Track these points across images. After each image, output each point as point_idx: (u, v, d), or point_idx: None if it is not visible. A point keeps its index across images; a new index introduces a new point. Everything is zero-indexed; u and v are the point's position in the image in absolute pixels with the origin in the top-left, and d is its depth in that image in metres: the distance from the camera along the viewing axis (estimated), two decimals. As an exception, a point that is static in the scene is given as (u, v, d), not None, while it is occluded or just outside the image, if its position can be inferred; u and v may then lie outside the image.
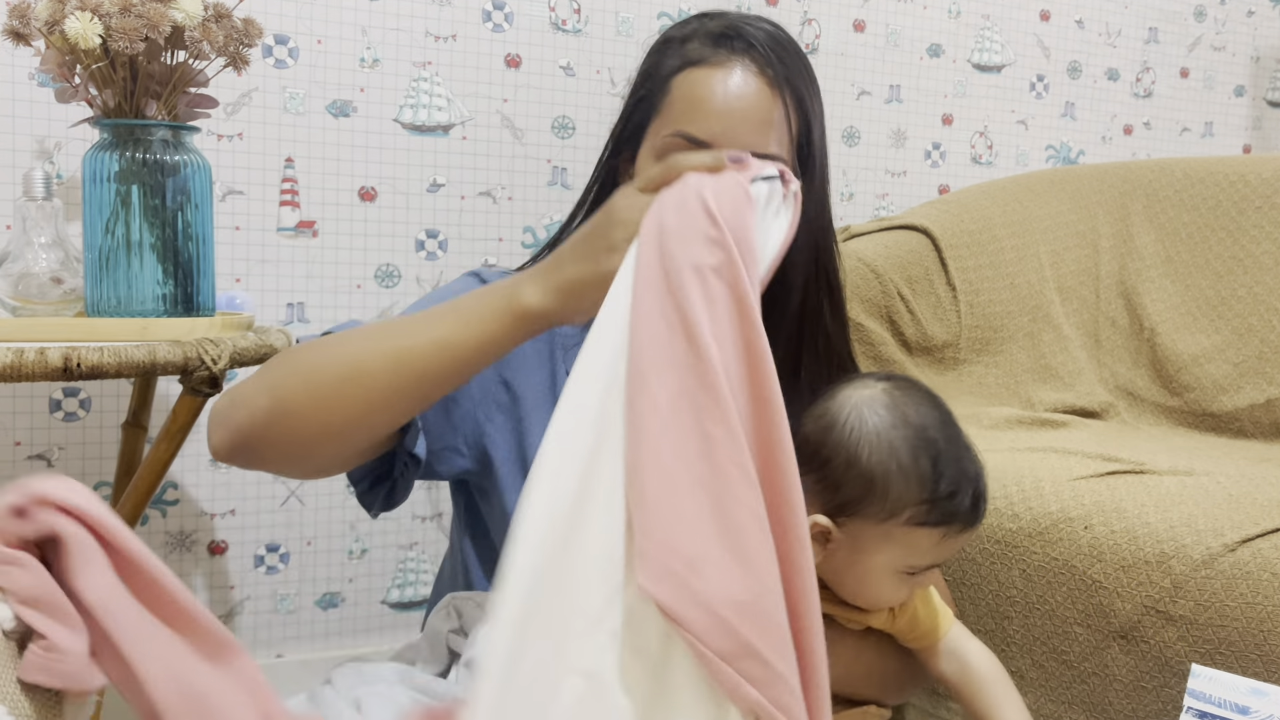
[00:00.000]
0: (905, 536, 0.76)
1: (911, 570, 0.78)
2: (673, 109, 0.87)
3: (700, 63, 0.86)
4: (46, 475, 0.57)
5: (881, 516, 0.76)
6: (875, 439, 0.76)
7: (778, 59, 0.86)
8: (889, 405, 0.78)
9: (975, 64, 2.07)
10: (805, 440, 0.79)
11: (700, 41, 0.88)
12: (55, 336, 1.12)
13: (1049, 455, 1.29)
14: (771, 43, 0.87)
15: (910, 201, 2.02)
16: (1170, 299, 1.72)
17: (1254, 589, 0.99)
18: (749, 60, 0.86)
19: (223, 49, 1.18)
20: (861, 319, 1.61)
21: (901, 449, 0.76)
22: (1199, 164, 1.78)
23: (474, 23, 1.65)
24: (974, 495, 0.78)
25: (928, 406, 0.79)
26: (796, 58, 0.88)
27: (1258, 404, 1.56)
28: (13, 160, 1.41)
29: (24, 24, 1.15)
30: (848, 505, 0.76)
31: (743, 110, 0.85)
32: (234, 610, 1.60)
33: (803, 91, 0.87)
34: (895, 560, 0.78)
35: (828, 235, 0.92)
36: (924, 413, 0.78)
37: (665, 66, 0.89)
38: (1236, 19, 2.32)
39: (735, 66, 0.85)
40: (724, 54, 0.86)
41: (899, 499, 0.75)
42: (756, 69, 0.85)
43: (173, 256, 1.21)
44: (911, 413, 0.78)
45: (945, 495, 0.76)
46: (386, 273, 1.63)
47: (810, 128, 0.88)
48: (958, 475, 0.77)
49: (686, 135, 0.85)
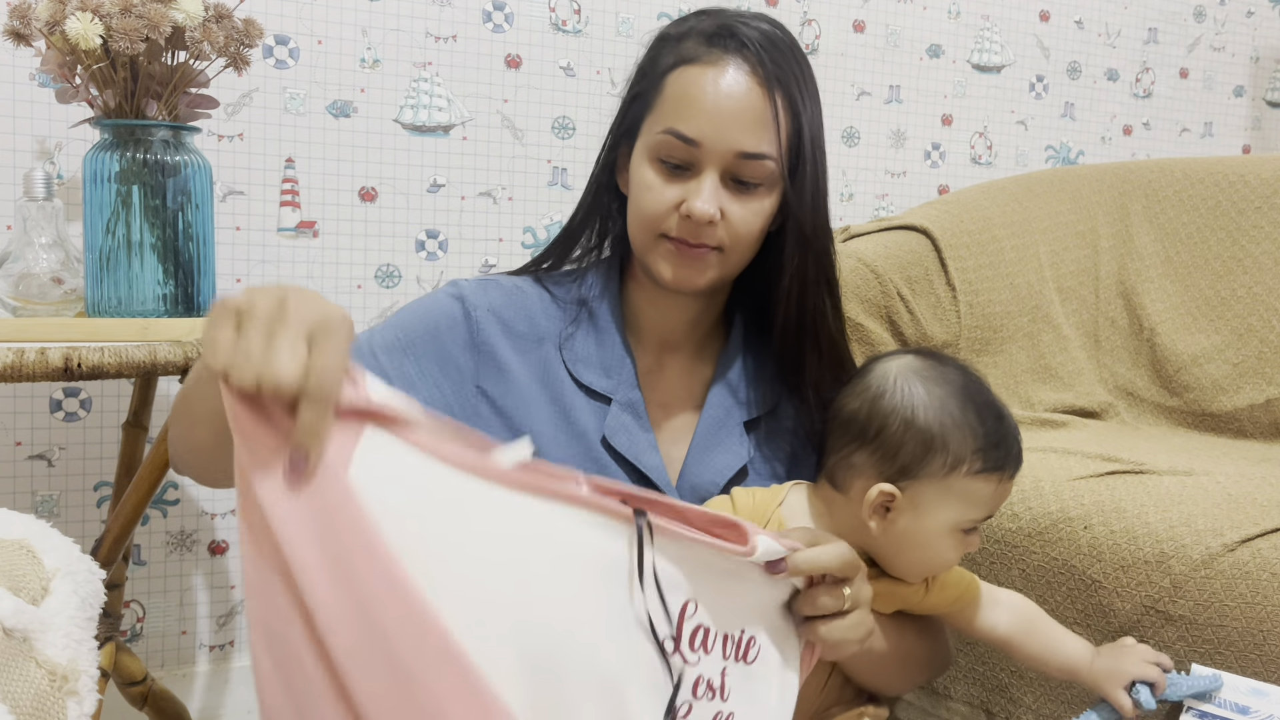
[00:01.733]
0: (966, 488, 0.81)
1: (970, 526, 0.82)
2: (665, 106, 0.88)
3: (693, 61, 0.87)
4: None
5: (944, 472, 0.80)
6: (927, 398, 0.81)
7: (770, 58, 0.86)
8: (928, 369, 0.83)
9: (975, 64, 2.07)
10: (854, 416, 0.84)
11: (694, 40, 0.88)
12: (56, 336, 1.12)
13: (1049, 455, 1.29)
14: (765, 42, 0.87)
15: (910, 202, 2.03)
16: (1170, 299, 1.72)
17: (1253, 589, 0.99)
18: (741, 59, 0.86)
19: (223, 49, 1.19)
20: (861, 319, 1.62)
21: (952, 404, 0.81)
22: (1199, 164, 1.78)
23: (474, 23, 1.65)
24: (1017, 442, 0.84)
25: (958, 368, 0.85)
26: (791, 57, 0.88)
27: (1257, 404, 1.56)
28: (13, 160, 1.41)
29: (25, 24, 1.16)
30: (909, 468, 0.80)
31: (732, 109, 0.85)
32: (234, 610, 1.60)
33: (795, 91, 0.87)
34: (957, 515, 0.81)
35: (824, 236, 0.92)
36: (959, 373, 0.84)
37: (660, 64, 0.90)
38: (1236, 19, 2.32)
39: (727, 65, 0.86)
40: (717, 53, 0.86)
41: (958, 451, 0.80)
42: (749, 68, 0.86)
43: (173, 257, 1.21)
44: (949, 373, 0.84)
45: (997, 441, 0.81)
46: (387, 273, 1.63)
47: (802, 127, 0.87)
48: (1002, 422, 0.83)
49: (677, 133, 0.86)
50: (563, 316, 0.94)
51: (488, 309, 0.91)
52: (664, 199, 0.87)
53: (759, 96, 0.85)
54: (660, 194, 0.87)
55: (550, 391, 0.91)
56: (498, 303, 0.92)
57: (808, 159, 0.88)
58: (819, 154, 0.90)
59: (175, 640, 1.57)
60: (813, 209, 0.89)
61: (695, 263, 0.88)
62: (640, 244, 0.90)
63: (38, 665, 0.68)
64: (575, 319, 0.94)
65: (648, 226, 0.89)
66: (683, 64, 0.87)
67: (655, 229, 0.88)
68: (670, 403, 0.96)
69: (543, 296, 0.95)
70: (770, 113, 0.85)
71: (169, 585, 1.56)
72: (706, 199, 0.85)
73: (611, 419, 0.91)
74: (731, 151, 0.85)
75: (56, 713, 0.68)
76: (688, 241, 0.87)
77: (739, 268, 0.91)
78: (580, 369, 0.92)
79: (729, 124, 0.85)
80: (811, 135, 0.88)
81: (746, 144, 0.85)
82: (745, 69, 0.86)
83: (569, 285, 0.97)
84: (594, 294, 0.95)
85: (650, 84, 0.90)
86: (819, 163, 0.90)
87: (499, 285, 0.94)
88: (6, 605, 0.68)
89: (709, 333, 0.99)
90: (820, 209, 0.91)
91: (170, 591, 1.56)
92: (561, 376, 0.92)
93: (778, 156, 0.86)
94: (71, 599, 0.75)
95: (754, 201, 0.87)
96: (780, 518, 0.85)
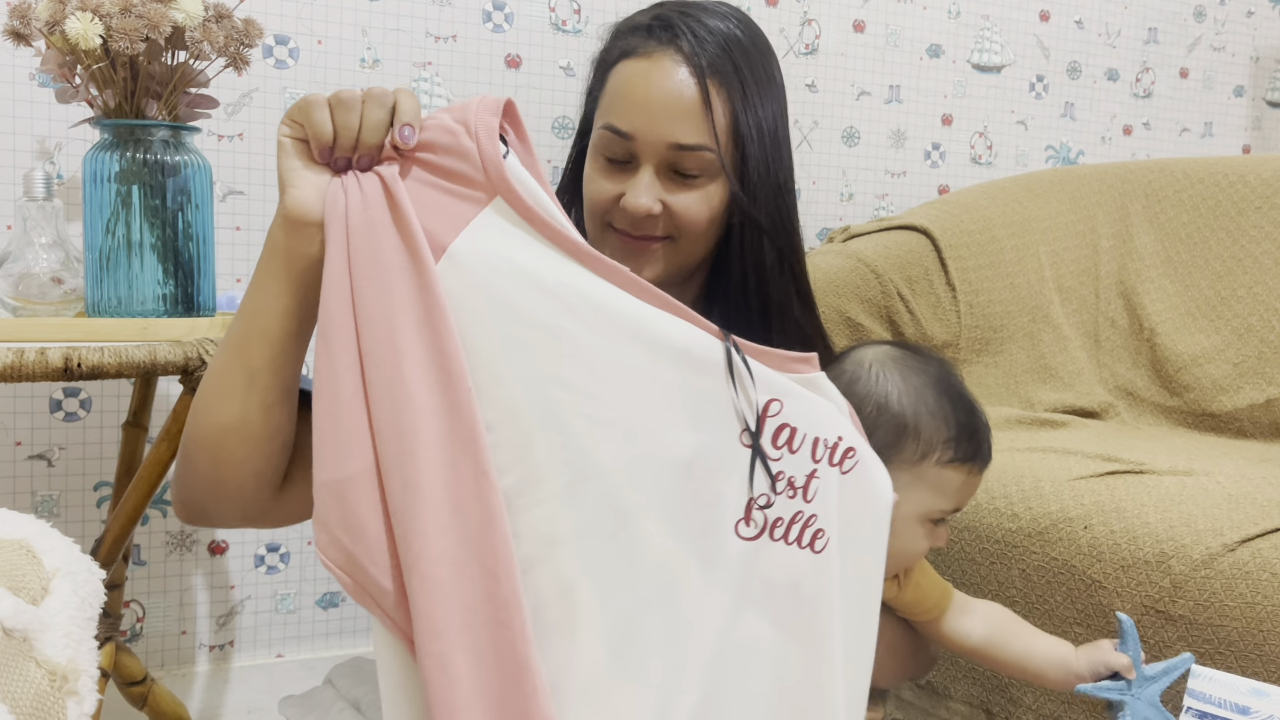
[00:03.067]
0: (936, 477, 0.81)
1: (938, 516, 0.82)
2: (605, 101, 0.89)
3: (631, 54, 0.88)
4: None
5: (916, 458, 0.80)
6: (902, 384, 0.82)
7: (705, 48, 0.85)
8: (905, 358, 0.84)
9: (975, 64, 2.07)
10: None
11: (635, 33, 0.89)
12: (56, 336, 1.12)
13: (1049, 455, 1.29)
14: (703, 31, 0.86)
15: (910, 202, 2.03)
16: (1170, 299, 1.72)
17: (1253, 589, 0.99)
18: (674, 50, 0.86)
19: (223, 49, 1.18)
20: (861, 319, 1.62)
21: (927, 393, 0.81)
22: (1199, 164, 1.78)
23: (474, 23, 1.65)
24: (988, 433, 0.84)
25: (936, 360, 0.86)
26: (733, 44, 0.87)
27: (1257, 404, 1.56)
28: (13, 160, 1.41)
29: (25, 24, 1.15)
30: (881, 452, 0.79)
31: (663, 101, 0.85)
32: (234, 610, 1.60)
33: (734, 79, 0.86)
34: (926, 504, 0.81)
35: (782, 226, 0.91)
36: (934, 363, 0.85)
37: (607, 59, 0.91)
38: (1236, 19, 2.32)
39: (661, 57, 0.86)
40: (652, 44, 0.87)
41: (930, 438, 0.80)
42: (681, 58, 0.85)
43: (173, 256, 1.21)
44: (926, 364, 0.84)
45: (969, 434, 0.82)
46: (387, 273, 1.63)
47: (741, 117, 0.86)
48: (974, 416, 0.83)
49: (613, 128, 0.87)
50: None
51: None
52: (605, 192, 0.89)
53: (690, 87, 0.85)
54: (601, 187, 0.89)
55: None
56: None
57: (754, 149, 0.87)
58: (773, 144, 0.89)
59: (175, 640, 1.57)
60: (767, 199, 0.89)
61: (642, 254, 0.89)
62: (591, 237, 0.92)
63: (37, 665, 0.68)
64: None
65: (593, 219, 0.91)
66: (623, 58, 0.89)
67: (599, 221, 0.90)
68: None
69: None
70: (703, 103, 0.85)
71: (169, 585, 1.56)
72: (641, 192, 0.86)
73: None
74: (664, 143, 0.86)
75: (56, 713, 0.68)
76: (631, 234, 0.88)
77: (696, 256, 0.92)
78: None
79: (660, 116, 0.85)
80: (760, 125, 0.87)
81: (679, 135, 0.85)
82: (679, 59, 0.86)
83: None
84: None
85: (598, 79, 0.92)
86: (772, 153, 0.89)
87: None
88: (6, 605, 0.68)
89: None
90: (777, 199, 0.90)
91: (170, 591, 1.56)
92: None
93: (715, 147, 0.86)
94: (71, 599, 0.75)
95: (696, 191, 0.87)
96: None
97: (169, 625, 1.57)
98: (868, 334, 1.63)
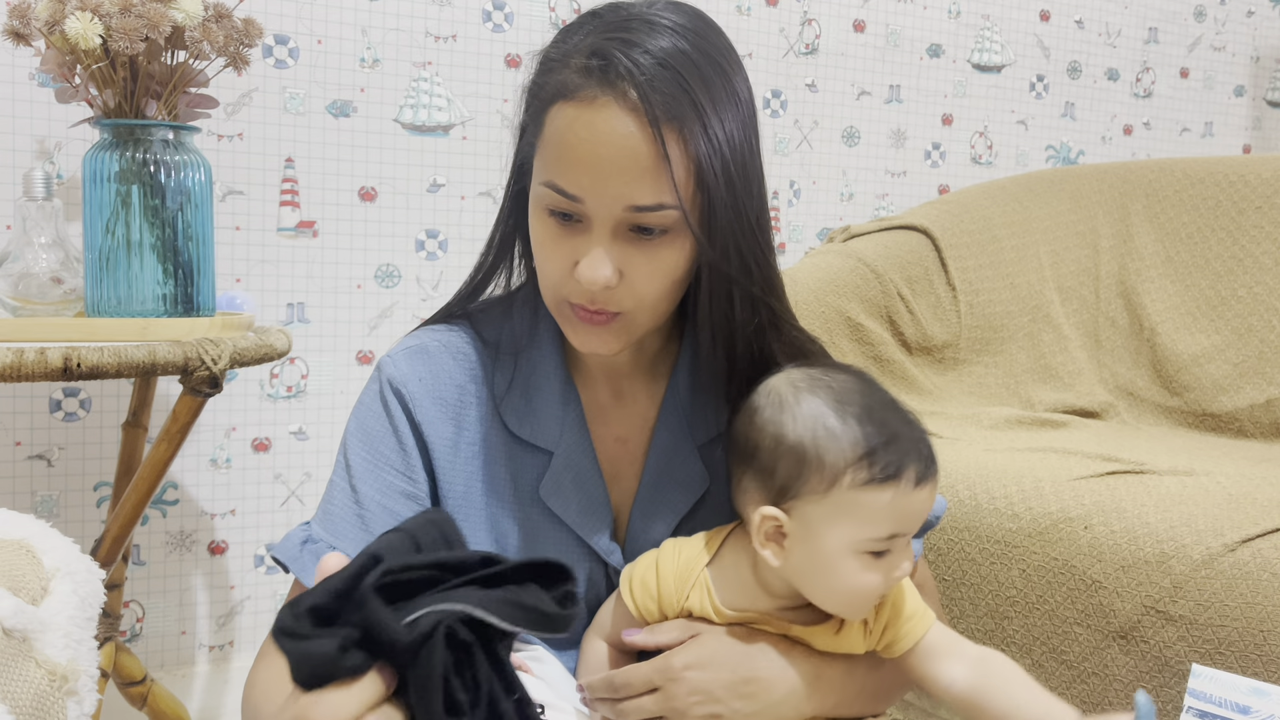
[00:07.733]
0: (854, 504, 0.72)
1: (874, 548, 0.73)
2: (546, 151, 0.77)
3: (569, 96, 0.74)
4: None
5: (824, 487, 0.72)
6: (797, 409, 0.74)
7: (654, 88, 0.72)
8: (807, 379, 0.76)
9: (975, 64, 2.07)
10: (736, 437, 0.77)
11: (573, 67, 0.75)
12: (55, 336, 1.12)
13: (1049, 455, 1.29)
14: (648, 61, 0.73)
15: (910, 201, 2.03)
16: (1170, 299, 1.72)
17: (1254, 589, 0.99)
18: (620, 96, 0.72)
19: (223, 49, 1.18)
20: (861, 319, 1.62)
21: (826, 412, 0.73)
22: (1199, 164, 1.78)
23: (474, 23, 1.65)
24: (915, 445, 0.74)
25: (849, 375, 0.77)
26: (686, 69, 0.74)
27: (1258, 404, 1.56)
28: (13, 160, 1.41)
29: (24, 24, 1.15)
30: (788, 487, 0.73)
31: (614, 158, 0.72)
32: (234, 610, 1.60)
33: (691, 115, 0.73)
34: (851, 535, 0.73)
35: (751, 274, 0.79)
36: (845, 380, 0.76)
37: (542, 92, 0.78)
38: (1236, 19, 2.32)
39: (605, 105, 0.72)
40: (592, 87, 0.73)
41: (835, 462, 0.72)
42: (629, 106, 0.72)
43: (173, 256, 1.21)
44: (831, 381, 0.76)
45: (882, 446, 0.72)
46: (386, 273, 1.63)
47: (705, 159, 0.74)
48: (890, 426, 0.73)
49: (557, 188, 0.75)
50: (495, 365, 0.88)
51: (417, 382, 0.85)
52: (558, 259, 0.78)
53: (642, 140, 0.72)
54: (553, 252, 0.78)
55: (491, 454, 0.86)
56: (425, 375, 0.86)
57: (720, 192, 0.75)
58: (742, 177, 0.77)
59: (175, 640, 1.57)
60: (735, 243, 0.77)
61: (599, 331, 0.79)
62: (549, 305, 0.83)
63: (37, 665, 0.68)
64: (511, 366, 0.87)
65: (549, 291, 0.81)
66: (560, 98, 0.75)
67: (556, 295, 0.80)
68: (628, 435, 0.89)
69: (471, 350, 0.88)
70: (659, 157, 0.72)
71: (168, 585, 1.56)
72: (596, 262, 0.75)
73: (549, 479, 0.85)
74: (619, 205, 0.74)
75: (56, 713, 0.68)
76: (587, 308, 0.78)
77: (652, 326, 0.82)
78: (518, 424, 0.86)
79: (612, 177, 0.73)
80: (726, 160, 0.75)
81: (635, 197, 0.73)
82: (626, 108, 0.72)
83: (498, 322, 0.90)
84: (524, 331, 0.88)
85: (533, 116, 0.79)
86: (741, 189, 0.77)
87: (425, 353, 0.87)
88: (6, 605, 0.68)
89: (660, 350, 0.91)
90: (745, 240, 0.78)
91: (170, 591, 1.56)
92: (503, 438, 0.86)
93: (677, 202, 0.74)
94: (71, 599, 0.75)
95: (661, 249, 0.76)
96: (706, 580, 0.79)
97: (169, 625, 1.57)
98: (868, 334, 1.63)
